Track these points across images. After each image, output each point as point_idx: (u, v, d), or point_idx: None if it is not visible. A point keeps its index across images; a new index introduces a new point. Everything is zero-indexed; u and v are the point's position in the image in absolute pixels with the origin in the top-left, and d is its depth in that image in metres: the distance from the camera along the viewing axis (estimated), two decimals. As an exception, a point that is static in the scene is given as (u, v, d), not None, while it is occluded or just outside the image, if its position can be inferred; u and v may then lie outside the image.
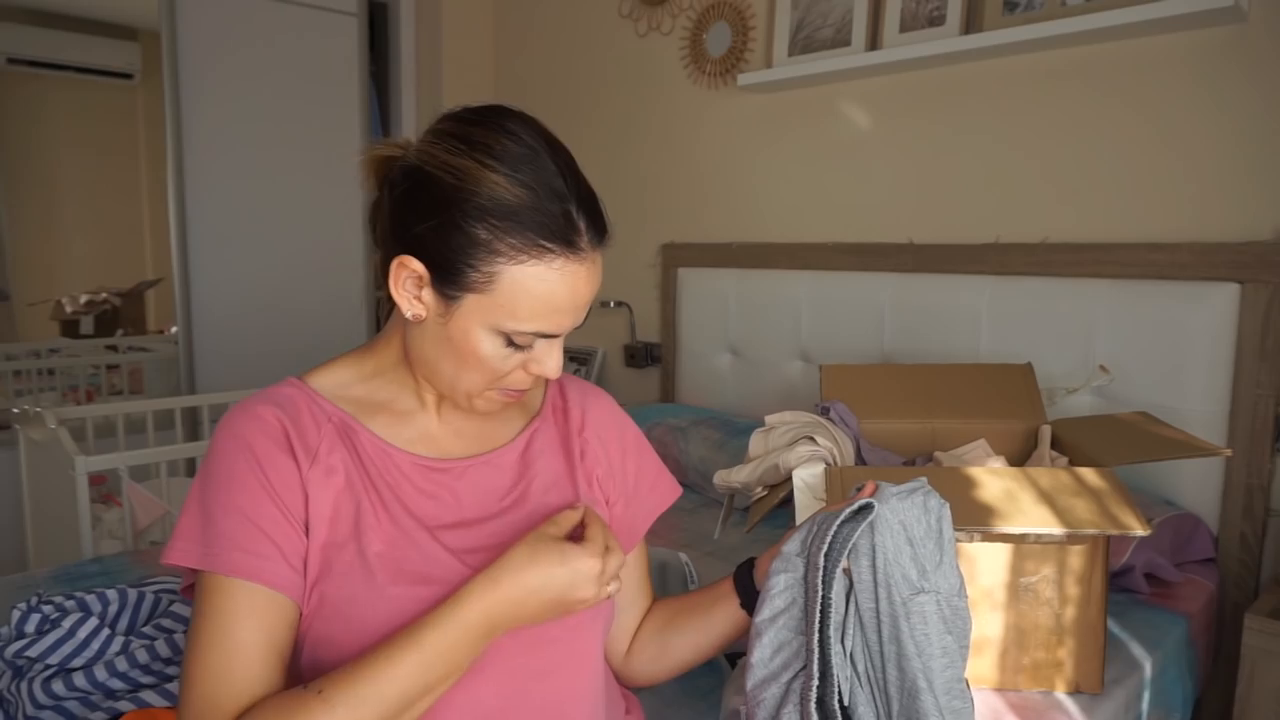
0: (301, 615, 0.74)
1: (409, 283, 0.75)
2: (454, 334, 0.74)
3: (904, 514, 0.81)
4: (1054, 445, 1.40)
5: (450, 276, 0.72)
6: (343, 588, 0.73)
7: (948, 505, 0.83)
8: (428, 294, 0.75)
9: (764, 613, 0.82)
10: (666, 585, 1.30)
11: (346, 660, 0.69)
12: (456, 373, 0.77)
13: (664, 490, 0.97)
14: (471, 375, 0.77)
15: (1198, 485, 1.66)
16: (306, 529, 0.73)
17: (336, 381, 0.81)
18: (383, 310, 0.83)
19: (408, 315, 0.76)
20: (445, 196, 0.72)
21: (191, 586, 0.75)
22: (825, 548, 0.79)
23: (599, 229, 0.75)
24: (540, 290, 0.72)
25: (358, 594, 0.72)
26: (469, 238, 0.71)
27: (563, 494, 0.85)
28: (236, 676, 0.68)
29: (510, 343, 0.75)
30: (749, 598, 0.89)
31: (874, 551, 0.79)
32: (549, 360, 0.78)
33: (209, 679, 0.68)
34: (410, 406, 0.82)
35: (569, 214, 0.73)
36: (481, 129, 0.73)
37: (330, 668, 0.70)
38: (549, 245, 0.71)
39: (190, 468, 2.58)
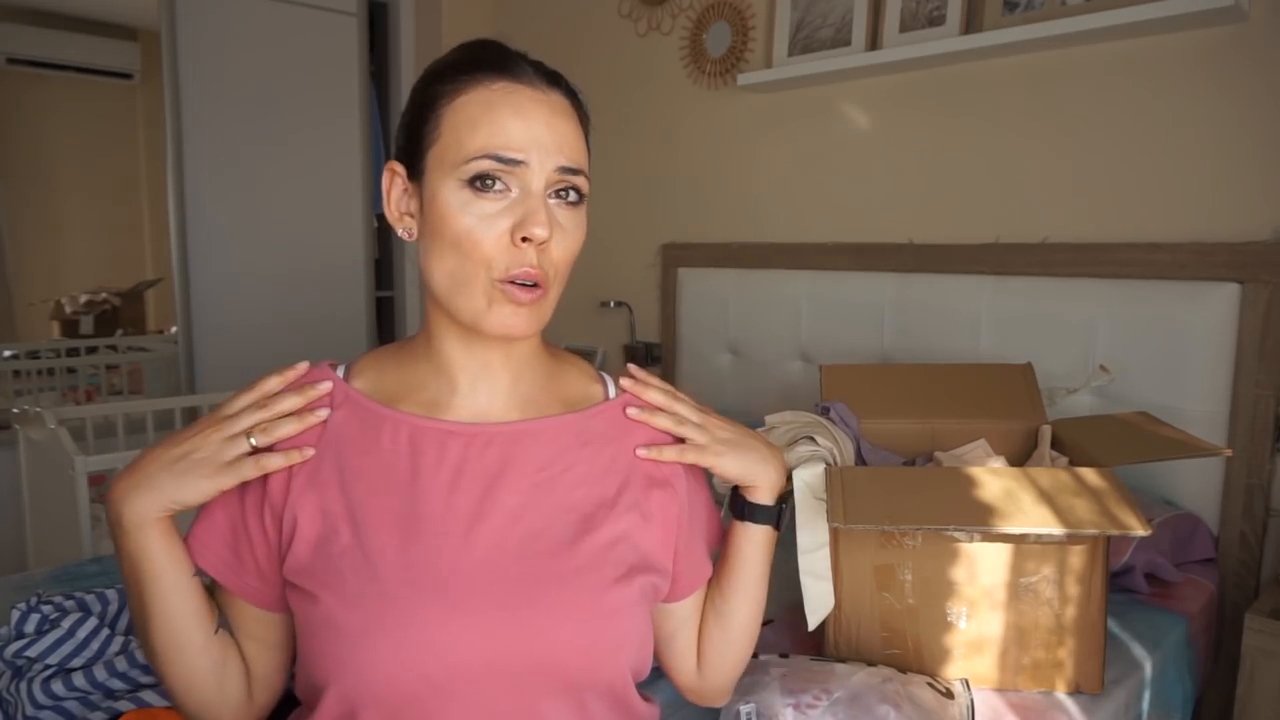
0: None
1: (398, 200, 0.75)
2: (432, 215, 0.70)
3: None
4: (1054, 445, 1.40)
5: (413, 150, 0.73)
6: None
7: None
8: (411, 194, 0.74)
9: None
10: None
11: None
12: (455, 270, 0.70)
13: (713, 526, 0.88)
14: (467, 260, 0.69)
15: (1198, 485, 1.66)
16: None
17: (372, 368, 0.79)
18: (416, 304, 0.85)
19: (401, 234, 0.74)
20: (408, 106, 0.75)
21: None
22: None
23: (549, 75, 0.73)
24: (479, 111, 0.69)
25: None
26: (417, 111, 0.73)
27: (592, 491, 0.76)
28: None
29: (475, 184, 0.68)
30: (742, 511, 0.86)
31: None
32: (530, 215, 0.68)
33: None
34: (441, 394, 0.76)
35: (504, 51, 0.72)
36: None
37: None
38: (481, 73, 0.70)
39: (190, 468, 2.57)
